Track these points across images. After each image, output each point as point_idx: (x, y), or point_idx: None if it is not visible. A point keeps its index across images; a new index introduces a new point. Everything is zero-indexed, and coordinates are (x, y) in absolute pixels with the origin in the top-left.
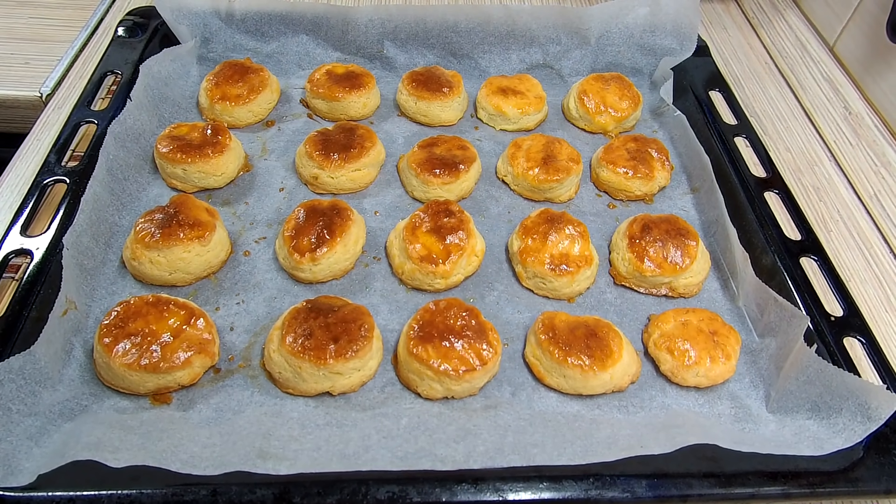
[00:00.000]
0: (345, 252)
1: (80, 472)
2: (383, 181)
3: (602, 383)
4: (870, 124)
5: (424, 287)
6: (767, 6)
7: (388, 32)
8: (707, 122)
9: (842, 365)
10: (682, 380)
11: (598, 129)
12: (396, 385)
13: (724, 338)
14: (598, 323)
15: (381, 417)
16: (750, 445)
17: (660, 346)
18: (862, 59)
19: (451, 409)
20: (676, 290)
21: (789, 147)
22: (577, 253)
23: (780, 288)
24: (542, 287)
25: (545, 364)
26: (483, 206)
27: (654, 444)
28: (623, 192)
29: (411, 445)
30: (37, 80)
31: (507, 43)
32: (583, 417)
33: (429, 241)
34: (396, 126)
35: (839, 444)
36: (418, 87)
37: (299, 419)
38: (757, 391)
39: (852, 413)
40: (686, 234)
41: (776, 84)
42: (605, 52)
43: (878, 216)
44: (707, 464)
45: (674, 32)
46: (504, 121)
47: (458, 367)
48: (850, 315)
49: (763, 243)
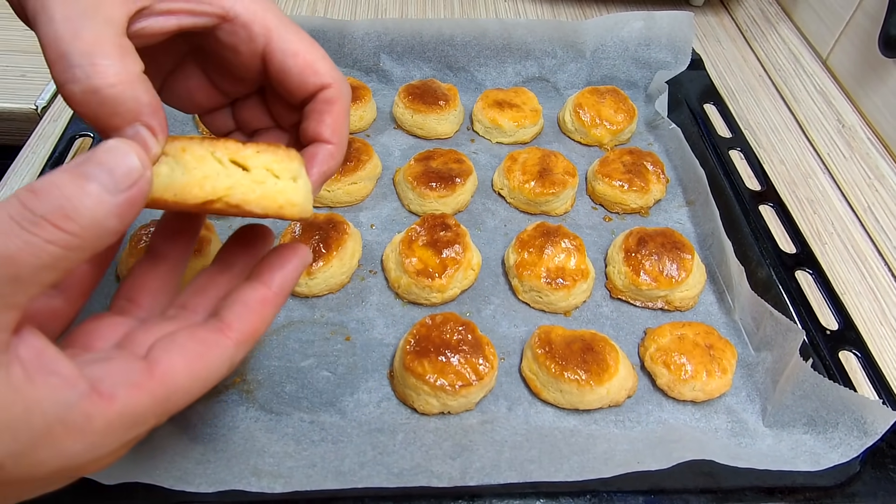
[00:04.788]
0: (341, 266)
1: (71, 490)
2: (379, 194)
3: (599, 398)
4: (863, 137)
5: (421, 301)
6: (761, 19)
7: (385, 46)
8: (702, 134)
9: (837, 379)
10: (678, 394)
11: (594, 142)
12: (392, 400)
13: (720, 351)
14: (594, 337)
15: (376, 433)
16: (747, 461)
17: (656, 359)
18: (854, 73)
19: (447, 424)
20: (672, 304)
21: (783, 160)
22: (574, 266)
23: (775, 301)
24: (539, 301)
25: (542, 379)
26: (479, 220)
27: (651, 460)
28: (619, 205)
29: (407, 462)
30: (33, 93)
31: (503, 56)
32: (579, 432)
33: (425, 254)
34: (393, 139)
35: (836, 458)
36: (414, 100)
37: (294, 435)
38: (753, 405)
39: (848, 428)
40: (682, 248)
41: (770, 97)
42: (600, 66)
43: (872, 229)
44: (704, 479)
45: (668, 46)
46: (500, 134)
47: (455, 382)
48: (845, 328)
49: (758, 256)
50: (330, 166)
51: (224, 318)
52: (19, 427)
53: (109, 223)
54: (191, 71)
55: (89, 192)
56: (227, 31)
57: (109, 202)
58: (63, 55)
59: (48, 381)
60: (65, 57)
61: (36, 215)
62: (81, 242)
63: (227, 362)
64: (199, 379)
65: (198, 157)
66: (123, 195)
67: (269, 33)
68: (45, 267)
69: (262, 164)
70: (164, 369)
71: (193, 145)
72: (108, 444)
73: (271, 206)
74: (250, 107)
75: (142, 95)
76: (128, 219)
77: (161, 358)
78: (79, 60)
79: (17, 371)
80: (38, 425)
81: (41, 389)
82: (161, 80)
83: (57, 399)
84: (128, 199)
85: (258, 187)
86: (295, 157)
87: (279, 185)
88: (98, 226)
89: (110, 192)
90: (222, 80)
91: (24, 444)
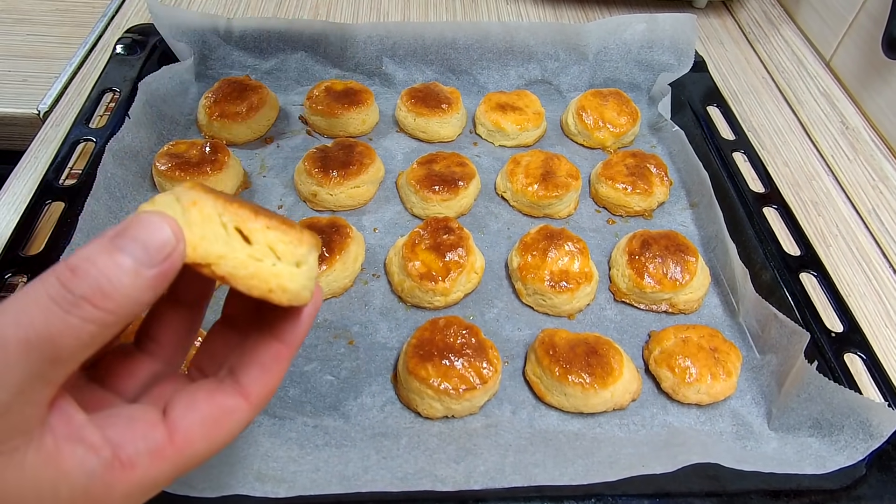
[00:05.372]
0: (344, 270)
1: None
2: (382, 198)
3: (603, 401)
4: (867, 139)
5: (424, 304)
6: (763, 21)
7: (387, 49)
8: (705, 137)
9: (843, 381)
10: (683, 397)
11: (597, 145)
12: (396, 404)
13: (724, 354)
14: (598, 340)
15: (380, 437)
16: (752, 464)
17: (660, 362)
18: (858, 74)
19: (451, 428)
20: (676, 307)
21: (787, 162)
22: (577, 269)
23: (780, 304)
24: (543, 304)
25: (546, 382)
26: (482, 223)
27: (656, 463)
28: (622, 207)
29: (411, 466)
30: (34, 98)
31: (506, 59)
32: (584, 436)
33: (428, 258)
34: (395, 142)
35: (841, 461)
36: (417, 103)
37: (298, 439)
38: (758, 408)
39: (854, 430)
40: (685, 250)
41: (773, 99)
42: (603, 68)
43: (877, 231)
44: (709, 483)
45: (671, 48)
46: (503, 137)
47: (459, 386)
48: (850, 331)
49: (762, 259)
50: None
51: (240, 381)
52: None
53: (144, 297)
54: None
55: (125, 269)
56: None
57: (144, 276)
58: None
59: (75, 451)
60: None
61: (75, 296)
62: (117, 319)
63: (243, 425)
64: (216, 444)
65: (204, 216)
66: (157, 269)
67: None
68: (83, 346)
69: (266, 240)
70: (184, 437)
71: (207, 201)
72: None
73: (259, 288)
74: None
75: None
76: (160, 290)
77: (180, 425)
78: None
79: (48, 442)
80: (63, 498)
81: (69, 461)
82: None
83: (82, 470)
84: (162, 273)
85: (252, 264)
86: (307, 242)
87: (276, 268)
88: (133, 302)
89: (145, 265)
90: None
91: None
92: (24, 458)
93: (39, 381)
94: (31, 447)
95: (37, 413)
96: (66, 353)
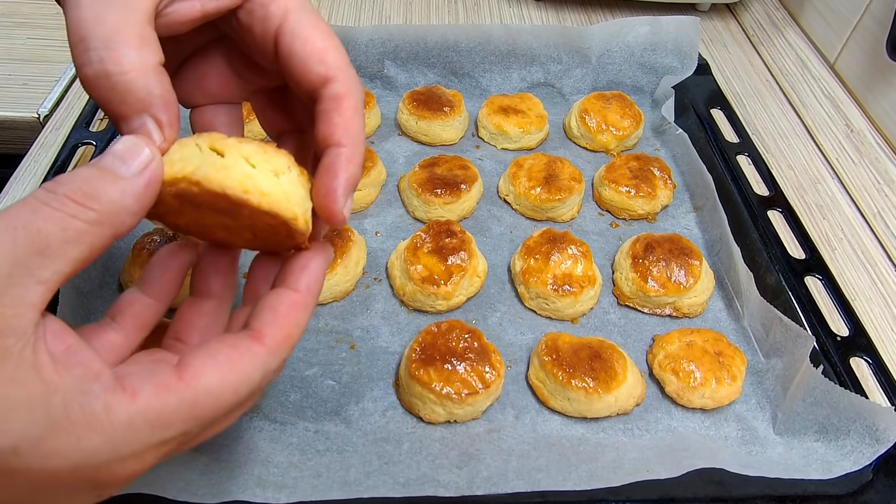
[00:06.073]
0: (345, 274)
1: None
2: (384, 201)
3: (607, 406)
4: (872, 142)
5: (426, 308)
6: (767, 24)
7: (389, 52)
8: (709, 139)
9: (848, 385)
10: (687, 401)
11: (600, 148)
12: (398, 409)
13: (729, 358)
14: (601, 344)
15: (382, 442)
16: (758, 469)
17: (664, 367)
18: (862, 77)
19: (453, 433)
20: (680, 310)
21: (791, 165)
22: (580, 273)
23: (784, 307)
24: (545, 308)
25: (549, 387)
26: (485, 226)
27: (661, 468)
28: (625, 210)
29: (413, 471)
30: (35, 101)
31: (508, 62)
32: (587, 441)
33: (430, 261)
34: (397, 145)
35: (848, 466)
36: (419, 106)
37: (299, 444)
38: (764, 413)
39: (860, 435)
40: (689, 254)
41: (777, 101)
42: (606, 71)
43: (882, 234)
44: (714, 488)
45: (675, 51)
46: (505, 140)
47: (461, 391)
48: (855, 335)
49: (767, 262)
50: (350, 171)
51: (254, 327)
52: (37, 408)
53: (126, 202)
54: (209, 58)
55: (107, 176)
56: (246, 11)
57: (125, 183)
58: (83, 38)
59: (73, 371)
60: (84, 40)
61: (59, 194)
62: (103, 219)
63: (259, 369)
64: (230, 385)
65: (181, 144)
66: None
67: (286, 14)
68: (70, 241)
69: (240, 153)
70: (193, 373)
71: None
72: (129, 443)
73: (234, 188)
74: (272, 105)
75: (154, 87)
76: (145, 200)
77: (190, 362)
78: (95, 44)
79: (43, 356)
80: (56, 409)
81: (64, 376)
82: (176, 66)
83: (79, 387)
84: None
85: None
86: (282, 154)
87: (250, 171)
88: (119, 207)
89: (125, 176)
90: (239, 68)
91: (42, 428)
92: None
93: (26, 272)
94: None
95: (27, 314)
96: (53, 245)
